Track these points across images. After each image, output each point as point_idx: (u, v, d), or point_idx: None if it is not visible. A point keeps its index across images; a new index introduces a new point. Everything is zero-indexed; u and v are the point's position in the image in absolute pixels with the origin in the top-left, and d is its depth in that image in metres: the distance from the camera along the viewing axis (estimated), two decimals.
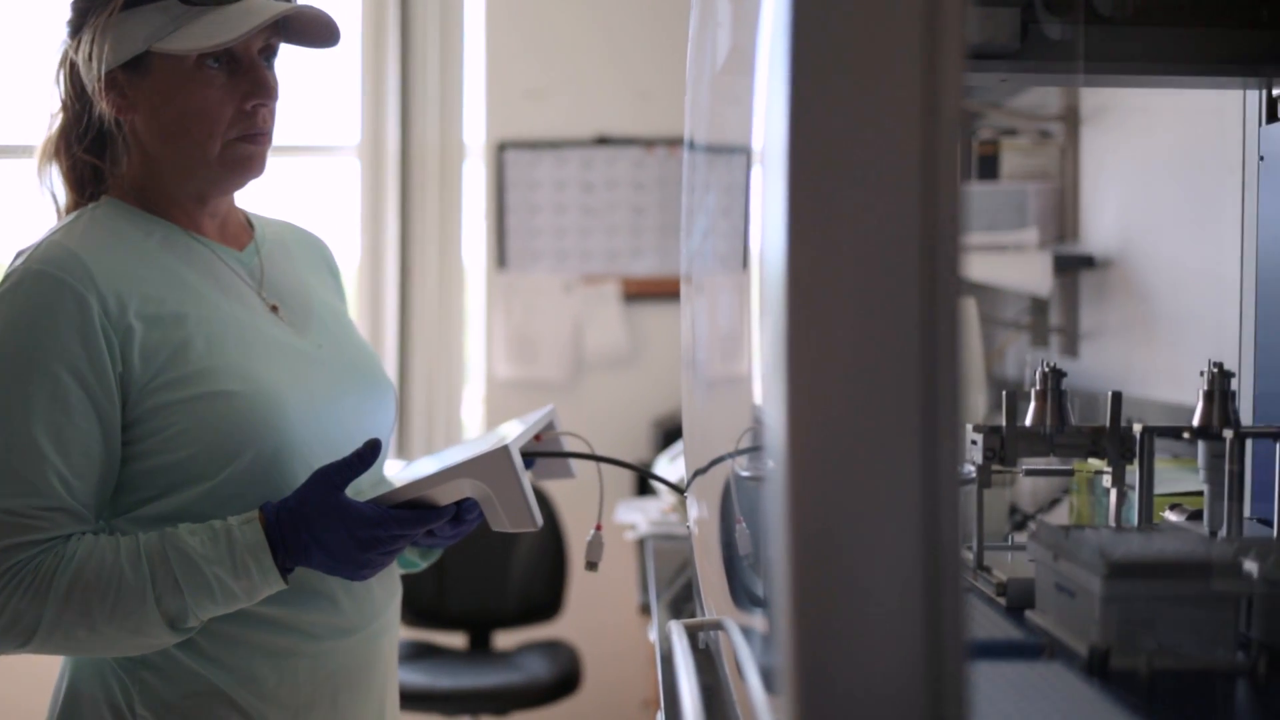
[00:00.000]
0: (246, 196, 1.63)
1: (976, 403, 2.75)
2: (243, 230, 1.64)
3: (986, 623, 1.29)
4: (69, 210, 1.56)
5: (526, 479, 1.42)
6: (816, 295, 0.67)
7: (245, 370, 1.46)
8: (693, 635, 1.39)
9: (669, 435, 4.20)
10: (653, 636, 2.23)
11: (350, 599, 1.55)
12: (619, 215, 4.55)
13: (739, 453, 1.15)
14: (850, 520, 0.67)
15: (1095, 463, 1.50)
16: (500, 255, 4.55)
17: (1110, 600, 1.08)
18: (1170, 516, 1.54)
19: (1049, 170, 3.21)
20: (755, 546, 1.03)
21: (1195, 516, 1.48)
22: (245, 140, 1.49)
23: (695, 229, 1.56)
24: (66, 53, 1.52)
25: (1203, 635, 1.09)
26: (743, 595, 1.18)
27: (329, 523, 1.39)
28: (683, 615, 1.91)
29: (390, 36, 4.47)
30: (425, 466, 1.59)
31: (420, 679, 3.78)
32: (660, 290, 4.50)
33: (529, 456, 1.61)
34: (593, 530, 1.62)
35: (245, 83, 1.48)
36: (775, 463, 0.69)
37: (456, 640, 4.22)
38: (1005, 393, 1.43)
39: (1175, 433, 1.41)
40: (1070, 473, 1.80)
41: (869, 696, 0.66)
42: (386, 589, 1.63)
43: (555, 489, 4.08)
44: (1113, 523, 1.44)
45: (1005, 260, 3.07)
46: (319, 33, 1.51)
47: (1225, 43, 1.52)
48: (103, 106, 1.49)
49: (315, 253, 1.76)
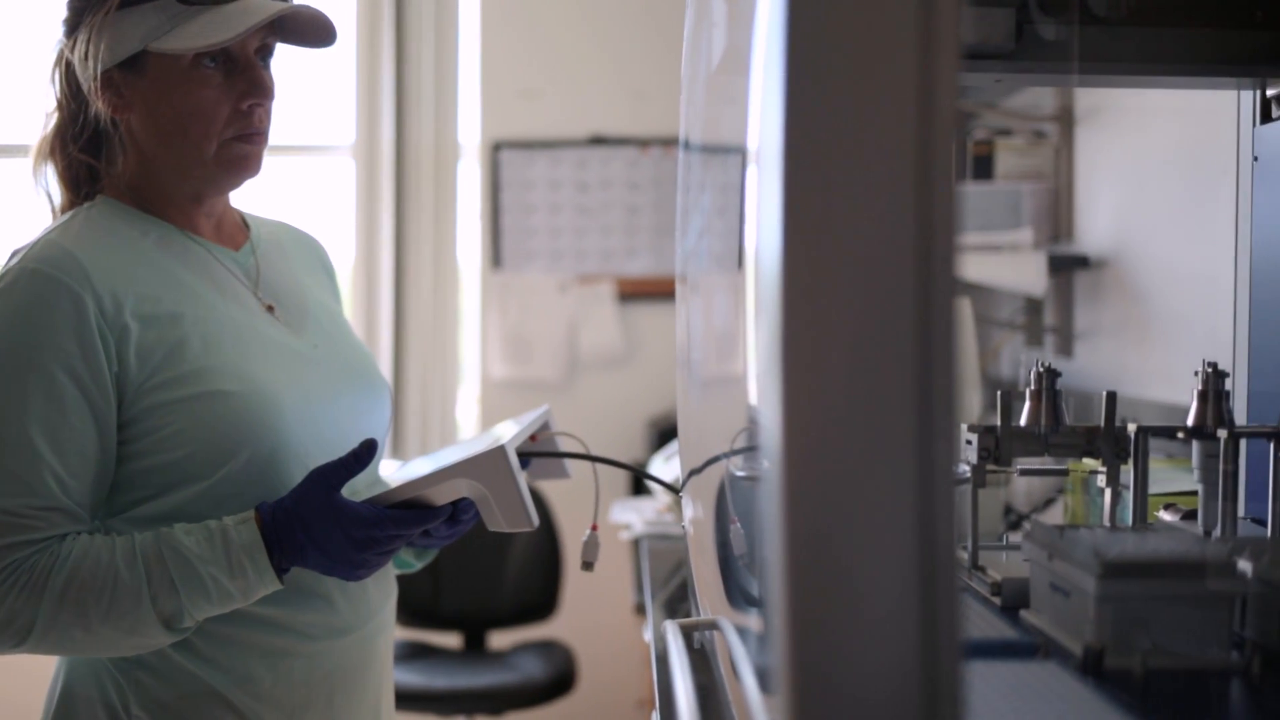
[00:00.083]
0: (241, 196, 1.63)
1: (971, 402, 2.76)
2: (238, 230, 1.64)
3: (981, 622, 1.29)
4: (64, 210, 1.55)
5: (523, 479, 1.42)
6: (812, 295, 0.67)
7: (241, 370, 1.46)
8: (688, 635, 1.39)
9: (664, 435, 4.20)
10: (648, 636, 2.23)
11: (346, 599, 1.55)
12: (614, 215, 4.54)
13: (734, 452, 1.15)
14: (845, 520, 0.67)
15: (1090, 462, 1.51)
16: (495, 255, 4.54)
17: (1105, 600, 1.08)
18: (1165, 516, 1.54)
19: (1044, 170, 3.22)
20: (750, 546, 1.03)
21: (1190, 516, 1.49)
22: (241, 140, 1.49)
23: (690, 229, 1.56)
24: (62, 52, 1.52)
25: (1197, 635, 1.09)
26: (738, 595, 1.18)
27: (325, 523, 1.39)
28: (678, 615, 1.91)
29: (385, 36, 4.46)
30: (421, 467, 1.59)
31: (415, 679, 3.78)
32: (655, 290, 4.50)
33: (524, 456, 1.61)
34: (588, 530, 1.62)
35: (242, 82, 1.48)
36: (770, 462, 0.69)
37: (451, 640, 4.22)
38: (1000, 392, 1.44)
39: (1170, 432, 1.42)
40: (1065, 472, 1.80)
41: (864, 696, 0.67)
42: (382, 589, 1.63)
43: (550, 489, 4.08)
44: (1107, 522, 1.44)
45: (1000, 260, 3.08)
46: (315, 32, 1.51)
47: (1219, 43, 1.52)
48: (99, 106, 1.48)
49: (310, 253, 1.76)
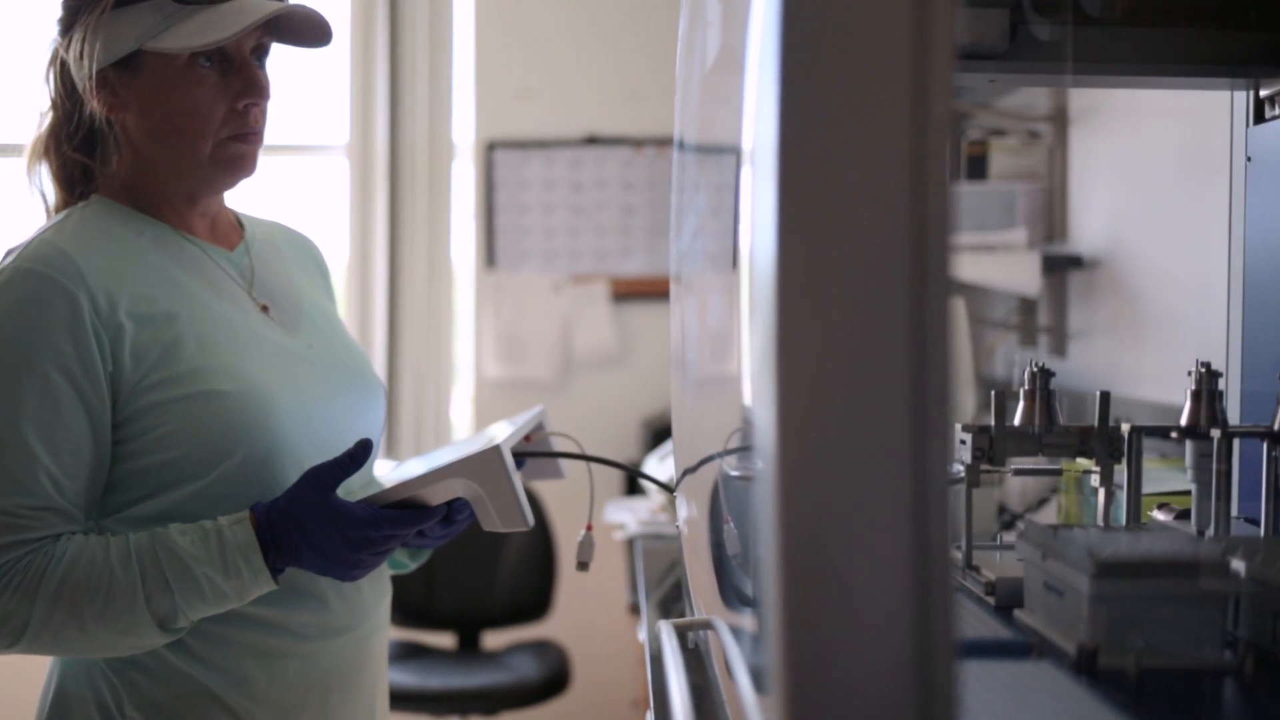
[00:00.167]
0: (236, 196, 1.63)
1: (965, 402, 2.76)
2: (233, 230, 1.64)
3: (975, 622, 1.29)
4: (58, 209, 1.55)
5: (518, 479, 1.42)
6: (806, 295, 0.67)
7: (236, 370, 1.46)
8: (682, 635, 1.39)
9: (658, 435, 4.20)
10: (642, 636, 2.23)
11: (341, 599, 1.55)
12: (608, 215, 4.54)
13: (728, 452, 1.15)
14: (840, 520, 0.67)
15: (1083, 462, 1.51)
16: (489, 255, 4.54)
17: (1098, 599, 1.08)
18: (1158, 516, 1.54)
19: (1037, 170, 3.22)
20: (745, 546, 1.03)
21: (1183, 516, 1.49)
22: (237, 139, 1.49)
23: (685, 229, 1.56)
24: (57, 51, 1.52)
25: (1190, 634, 1.09)
26: (732, 595, 1.18)
27: (320, 523, 1.39)
28: (672, 615, 1.91)
29: (379, 36, 4.46)
30: (415, 467, 1.59)
31: (409, 679, 3.77)
32: (649, 290, 4.50)
33: (519, 456, 1.61)
34: (583, 530, 1.62)
35: (237, 82, 1.48)
36: (765, 462, 0.69)
37: (445, 640, 4.22)
38: (994, 392, 1.44)
39: (1163, 432, 1.42)
40: (1059, 472, 1.81)
41: (859, 696, 0.67)
42: (377, 589, 1.63)
43: (544, 489, 4.08)
44: (1101, 522, 1.44)
45: (994, 260, 3.08)
46: (311, 32, 1.51)
47: (1213, 43, 1.52)
48: (93, 105, 1.48)
49: (305, 253, 1.75)
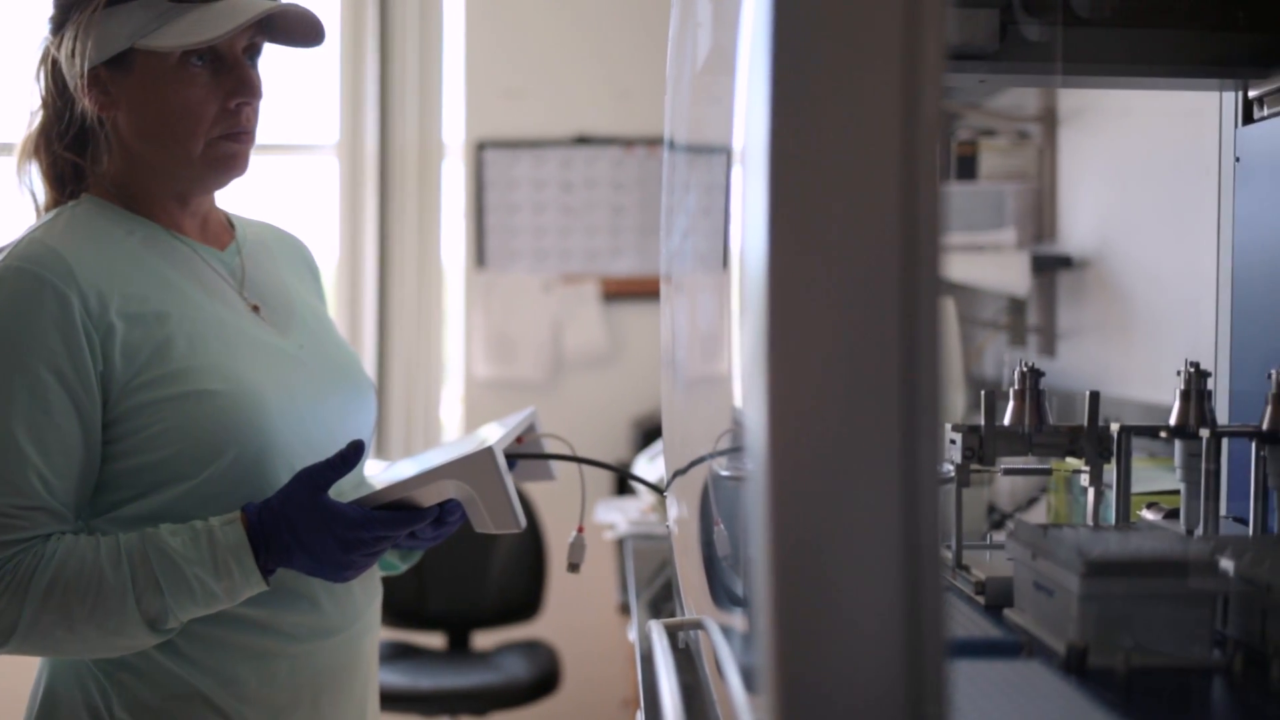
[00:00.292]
0: (225, 195, 1.62)
1: (955, 402, 2.76)
2: (224, 230, 1.63)
3: (965, 621, 1.29)
4: (49, 208, 1.55)
5: (510, 480, 1.42)
6: (797, 295, 0.67)
7: (227, 370, 1.46)
8: (672, 635, 1.39)
9: (648, 435, 4.21)
10: (632, 636, 2.23)
11: (331, 600, 1.54)
12: (598, 215, 4.54)
13: (719, 453, 1.15)
14: (830, 519, 0.67)
15: (1073, 462, 1.51)
16: (479, 254, 4.54)
17: (1088, 598, 1.09)
18: (1147, 515, 1.55)
19: (1027, 171, 3.23)
20: (735, 546, 1.04)
21: (1172, 515, 1.49)
22: (229, 139, 1.49)
23: (675, 229, 1.56)
24: (48, 49, 1.52)
25: (1179, 633, 1.09)
26: (723, 595, 1.19)
27: (312, 524, 1.38)
28: (662, 615, 1.92)
29: (369, 35, 4.46)
30: (406, 469, 1.58)
31: (399, 679, 3.77)
32: (639, 290, 4.50)
33: (511, 458, 1.61)
34: (574, 532, 1.62)
35: (229, 81, 1.48)
36: (755, 462, 0.69)
37: (435, 640, 4.21)
38: (984, 392, 1.44)
39: (1152, 432, 1.42)
40: (1048, 472, 1.81)
41: (849, 695, 0.67)
42: (367, 590, 1.63)
43: (534, 489, 4.08)
44: (1090, 521, 1.45)
45: (984, 260, 3.09)
46: (303, 31, 1.51)
47: (1202, 45, 1.53)
48: (85, 104, 1.48)
49: (295, 253, 1.75)
